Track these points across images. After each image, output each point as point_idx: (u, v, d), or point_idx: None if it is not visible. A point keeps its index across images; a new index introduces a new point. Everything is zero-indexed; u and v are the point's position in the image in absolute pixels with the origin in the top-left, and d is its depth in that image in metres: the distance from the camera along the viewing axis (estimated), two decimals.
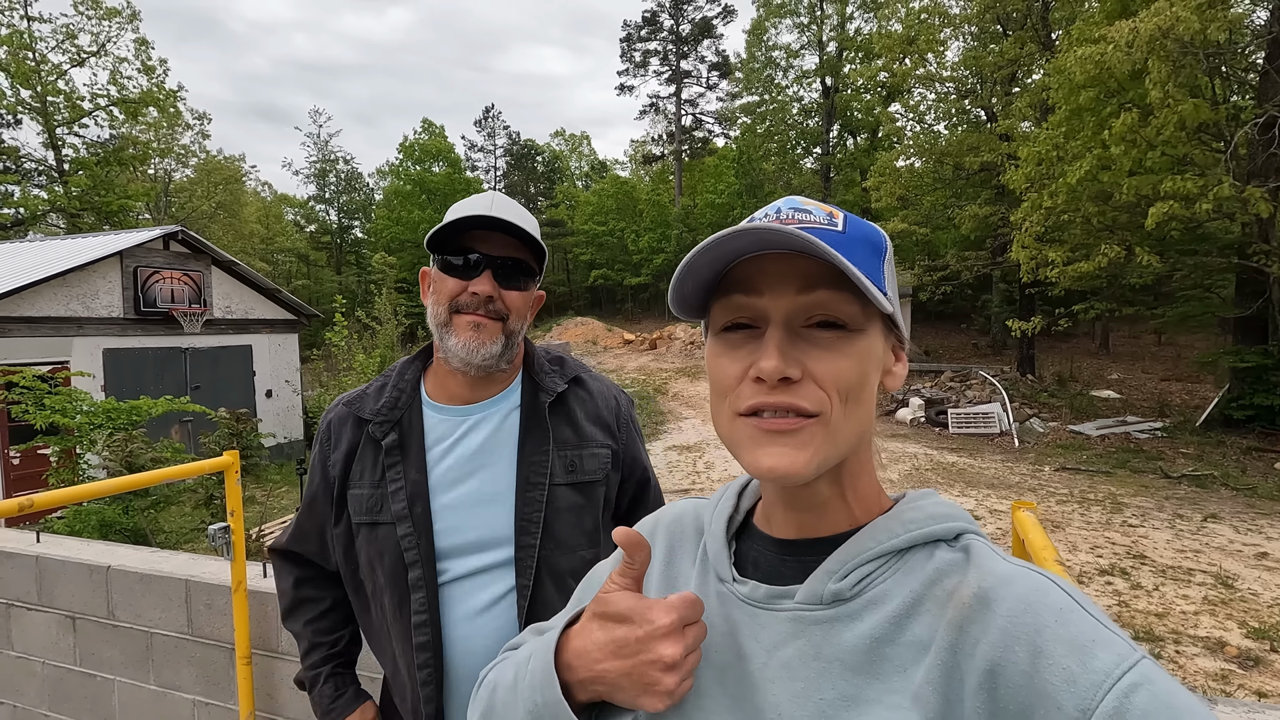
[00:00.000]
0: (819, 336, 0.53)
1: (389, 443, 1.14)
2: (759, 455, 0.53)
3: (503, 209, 1.09)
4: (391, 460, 1.14)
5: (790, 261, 0.53)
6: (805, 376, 0.52)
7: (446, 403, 1.18)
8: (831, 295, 0.53)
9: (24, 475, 9.81)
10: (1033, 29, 17.72)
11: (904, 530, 0.55)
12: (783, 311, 0.53)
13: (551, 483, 1.14)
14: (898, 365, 0.60)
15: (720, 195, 36.29)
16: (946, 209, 20.57)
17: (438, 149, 45.69)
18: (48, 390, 7.60)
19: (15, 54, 23.15)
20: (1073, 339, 24.58)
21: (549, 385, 1.20)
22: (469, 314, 1.10)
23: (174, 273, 12.09)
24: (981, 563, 0.52)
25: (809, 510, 0.58)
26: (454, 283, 1.10)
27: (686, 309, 0.59)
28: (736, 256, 0.54)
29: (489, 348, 1.10)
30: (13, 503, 1.54)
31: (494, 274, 1.10)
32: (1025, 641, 0.46)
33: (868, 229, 0.57)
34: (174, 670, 2.19)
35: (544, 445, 1.16)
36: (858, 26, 32.71)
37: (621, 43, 43.36)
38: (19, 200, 24.56)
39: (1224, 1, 10.12)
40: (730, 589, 0.60)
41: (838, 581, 0.54)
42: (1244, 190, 10.31)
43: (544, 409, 1.18)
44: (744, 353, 0.55)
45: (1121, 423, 13.85)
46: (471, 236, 1.10)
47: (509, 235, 1.10)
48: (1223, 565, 6.89)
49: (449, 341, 1.11)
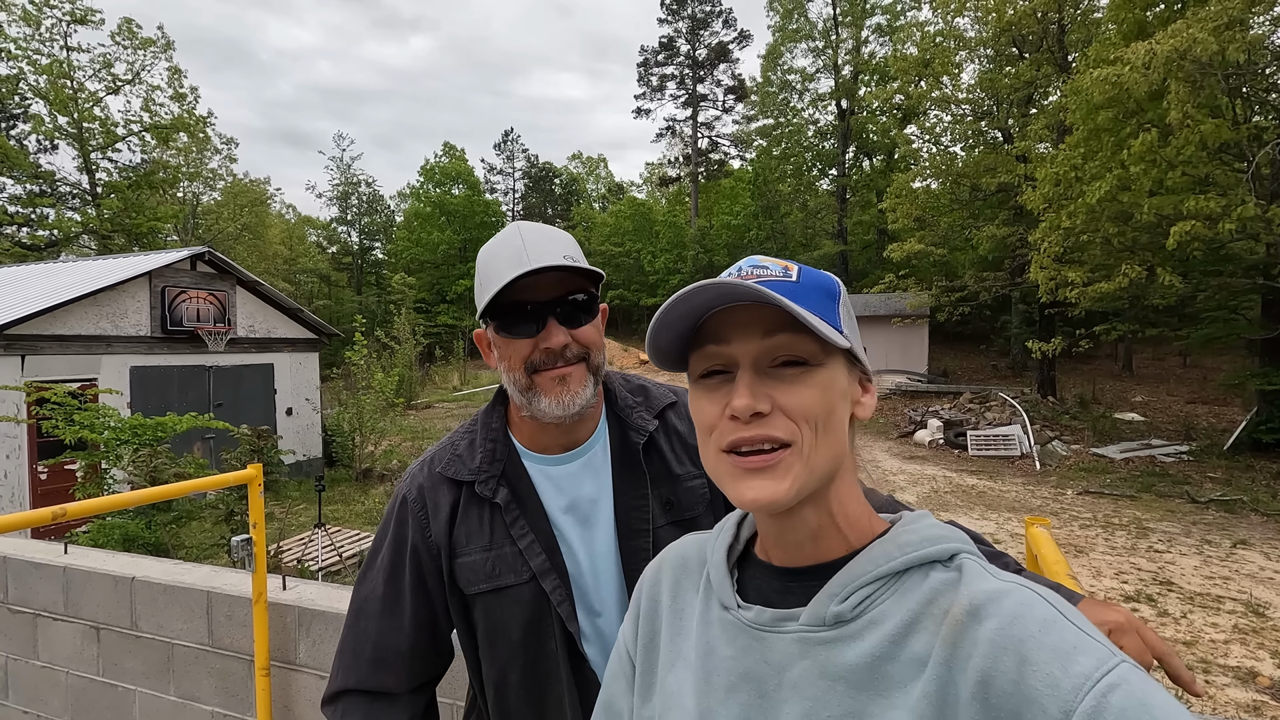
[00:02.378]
0: (784, 373, 0.59)
1: (504, 499, 1.04)
2: (741, 489, 0.58)
3: (537, 252, 0.98)
4: (512, 515, 1.04)
5: (753, 312, 0.60)
6: (775, 410, 0.58)
7: (543, 453, 1.09)
8: (791, 337, 0.59)
9: (51, 490, 9.99)
10: (1049, 51, 17.74)
11: (900, 553, 0.59)
12: (750, 355, 0.59)
13: (654, 526, 1.06)
14: (866, 396, 0.64)
15: (736, 217, 36.48)
16: (964, 229, 20.49)
17: (458, 172, 46.47)
18: (77, 406, 7.78)
19: (55, 82, 24.03)
20: (1095, 360, 24.21)
21: (638, 424, 1.11)
22: (549, 370, 1.00)
23: (200, 292, 12.36)
24: (973, 581, 0.55)
25: (803, 540, 0.62)
26: (523, 343, 1.00)
27: (666, 361, 0.65)
28: (705, 310, 0.60)
29: (582, 395, 1.01)
30: (46, 512, 1.59)
31: (558, 319, 1.00)
32: (1013, 651, 0.49)
33: (820, 277, 0.63)
34: (194, 681, 2.22)
35: (641, 489, 1.07)
36: (872, 50, 32.97)
37: (638, 67, 44.10)
38: (53, 222, 25.32)
39: (1242, 23, 10.08)
40: (735, 615, 0.64)
41: (839, 603, 0.58)
42: (1268, 210, 10.18)
43: (637, 451, 1.09)
44: (720, 394, 0.60)
45: (1146, 445, 13.57)
46: (519, 287, 0.97)
47: (557, 271, 0.99)
48: (1253, 593, 6.70)
49: (540, 403, 1.01)
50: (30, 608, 2.52)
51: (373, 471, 13.48)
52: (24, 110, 25.98)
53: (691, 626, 0.68)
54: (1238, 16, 9.88)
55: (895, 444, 15.45)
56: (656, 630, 0.72)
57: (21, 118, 26.32)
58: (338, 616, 2.00)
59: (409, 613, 1.08)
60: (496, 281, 0.97)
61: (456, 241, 42.72)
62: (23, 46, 23.81)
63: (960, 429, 15.03)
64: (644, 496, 1.07)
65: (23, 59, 23.87)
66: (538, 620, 1.01)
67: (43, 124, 24.66)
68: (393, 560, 1.09)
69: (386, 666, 1.07)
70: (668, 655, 0.69)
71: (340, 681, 1.09)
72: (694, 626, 0.68)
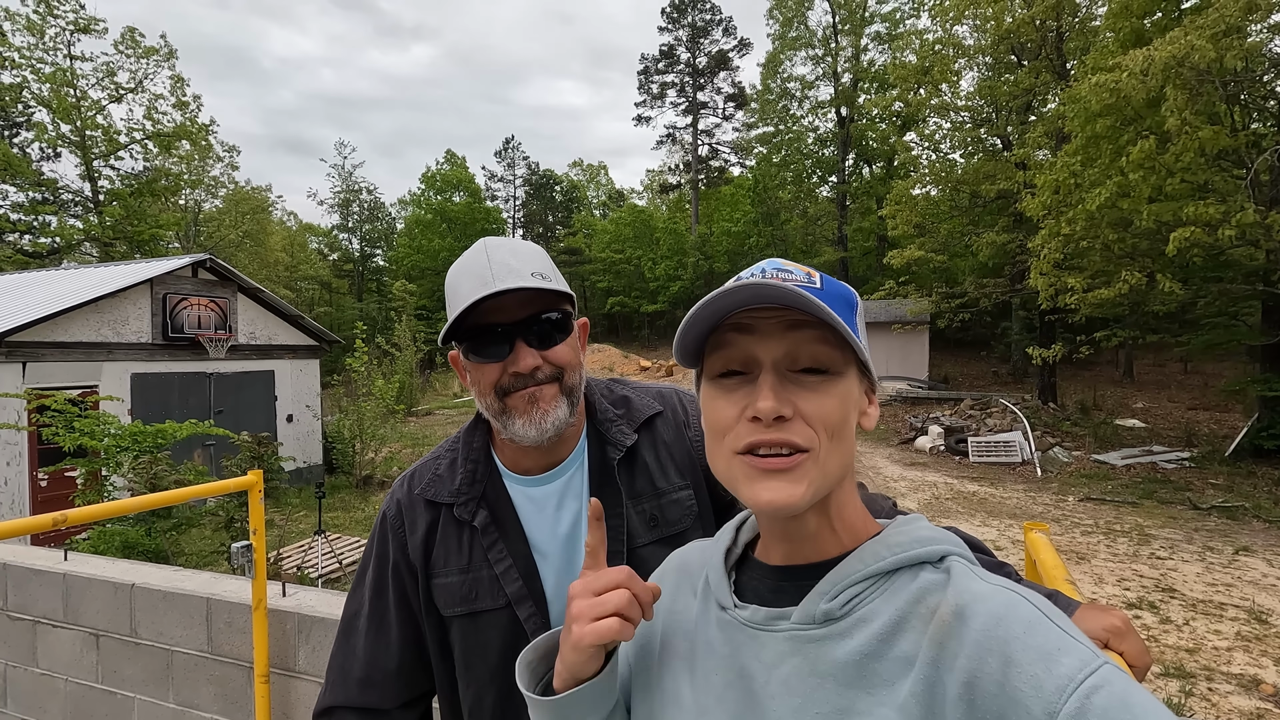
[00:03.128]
0: (806, 380, 0.59)
1: (482, 522, 1.02)
2: (758, 490, 0.58)
3: (503, 272, 0.95)
4: (490, 539, 1.02)
5: (778, 315, 0.60)
6: (796, 415, 0.58)
7: (524, 474, 1.06)
8: (817, 345, 0.59)
9: (51, 497, 9.98)
10: (1047, 59, 17.81)
11: (890, 553, 0.60)
12: (774, 358, 0.59)
13: (632, 546, 1.03)
14: (870, 407, 0.65)
15: (736, 224, 36.58)
16: (964, 236, 20.52)
17: (459, 179, 46.66)
18: (77, 414, 7.78)
19: (58, 90, 24.16)
20: (1095, 367, 24.20)
21: (615, 439, 1.08)
22: (520, 390, 0.98)
23: (201, 299, 12.39)
24: (960, 582, 0.56)
25: (801, 540, 0.63)
26: (490, 368, 0.98)
27: (688, 358, 0.65)
28: (735, 309, 0.60)
29: (555, 414, 0.98)
30: (47, 517, 1.59)
31: (526, 340, 0.97)
32: (997, 652, 0.49)
33: (841, 287, 0.64)
34: (193, 688, 2.22)
35: (617, 508, 1.04)
36: (872, 58, 33.15)
37: (639, 75, 44.30)
38: (55, 230, 25.41)
39: (1239, 30, 10.12)
40: (732, 614, 0.65)
41: (829, 602, 0.59)
42: (1267, 217, 10.20)
43: (613, 467, 1.06)
44: (739, 396, 0.60)
45: (1147, 452, 13.54)
46: (485, 309, 0.95)
47: (522, 292, 0.96)
48: (1256, 600, 6.67)
49: (513, 426, 0.98)
50: (30, 615, 2.51)
51: (373, 478, 13.47)
52: (27, 118, 26.10)
53: (689, 627, 0.69)
54: (1235, 24, 9.92)
55: (896, 450, 15.43)
56: (655, 631, 0.73)
57: (24, 125, 26.45)
58: (337, 623, 1.99)
59: (395, 630, 1.07)
60: (461, 303, 0.94)
61: (457, 249, 42.69)
62: (26, 55, 23.96)
63: (961, 435, 15.01)
64: (619, 515, 1.04)
65: (26, 67, 24.01)
66: (514, 646, 0.97)
67: (45, 132, 24.77)
68: (377, 577, 1.09)
69: (374, 685, 1.07)
70: (665, 654, 0.70)
71: (330, 698, 1.08)
72: (692, 627, 0.69)
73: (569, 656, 0.64)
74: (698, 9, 42.49)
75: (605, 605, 0.62)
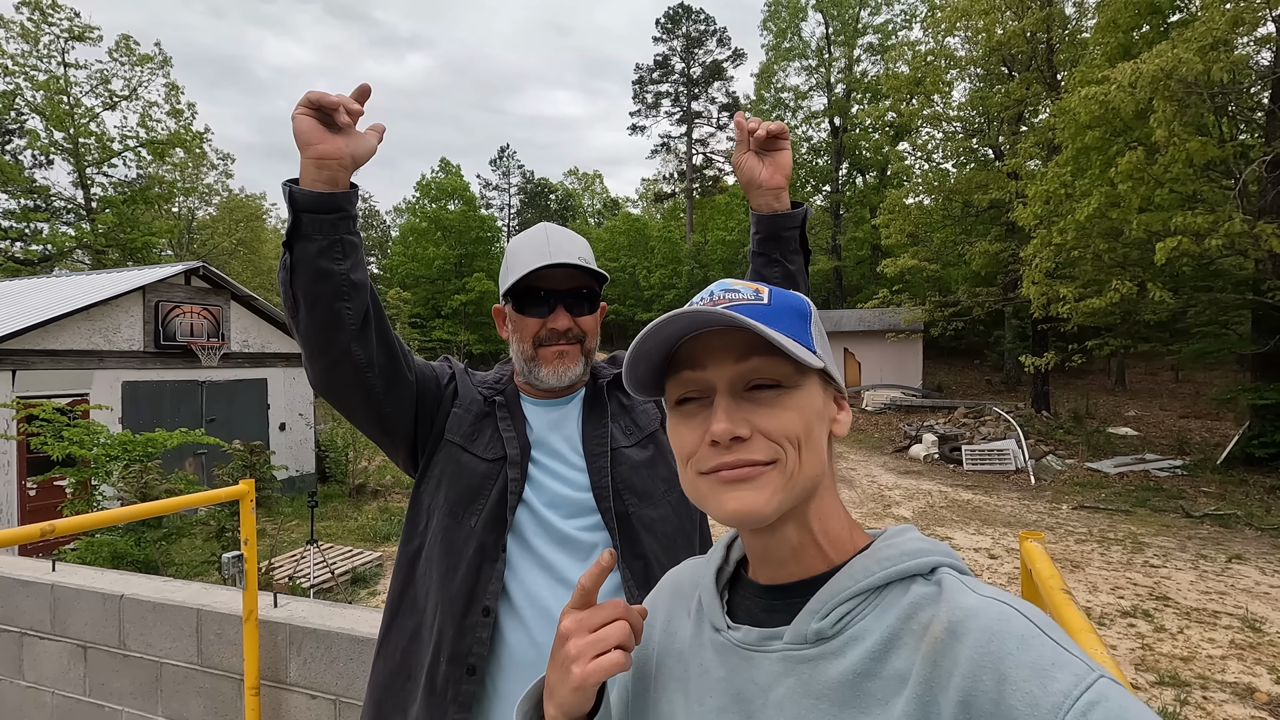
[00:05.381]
0: (760, 396, 0.60)
1: (499, 401, 1.28)
2: (724, 500, 0.59)
3: (560, 249, 1.22)
4: (503, 415, 1.27)
5: (726, 336, 0.60)
6: (754, 434, 0.58)
7: (536, 399, 1.33)
8: (764, 360, 0.59)
9: (40, 507, 9.88)
10: (1038, 70, 18.02)
11: (879, 568, 0.59)
12: (725, 379, 0.60)
13: (613, 447, 1.26)
14: (841, 414, 0.65)
15: (731, 232, 36.68)
16: (957, 245, 20.67)
17: (454, 187, 46.63)
18: (66, 423, 7.72)
19: (51, 98, 24.09)
20: (1088, 375, 24.32)
21: (603, 373, 1.36)
22: (552, 345, 1.24)
23: (194, 307, 12.32)
24: (952, 597, 0.55)
25: (785, 558, 0.62)
26: (533, 321, 1.24)
27: (642, 389, 0.65)
28: (678, 338, 0.61)
29: (574, 370, 1.25)
30: (35, 528, 1.57)
31: (565, 307, 1.23)
32: (991, 669, 0.49)
33: (791, 298, 0.64)
34: (182, 701, 2.19)
35: (603, 419, 1.29)
36: (865, 68, 33.43)
37: (634, 85, 44.52)
38: (47, 237, 25.25)
39: (1226, 44, 10.26)
40: (725, 636, 0.64)
41: (820, 620, 0.58)
42: (1255, 226, 10.30)
43: (602, 389, 1.32)
44: (698, 420, 0.61)
45: (1140, 460, 13.60)
46: (539, 276, 1.20)
47: (571, 268, 1.22)
48: (1250, 608, 6.69)
49: (539, 372, 1.25)
50: (16, 626, 2.48)
51: (366, 487, 13.38)
52: (20, 125, 25.99)
53: (684, 650, 0.68)
54: (1222, 37, 10.06)
55: (890, 459, 15.45)
56: (650, 654, 0.72)
57: (17, 133, 26.34)
58: (329, 635, 1.97)
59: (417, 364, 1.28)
60: (521, 268, 1.20)
61: (452, 257, 42.75)
62: (20, 63, 23.88)
63: (955, 444, 15.04)
64: (604, 424, 1.28)
65: (20, 75, 23.92)
66: (474, 493, 1.19)
67: (38, 139, 24.68)
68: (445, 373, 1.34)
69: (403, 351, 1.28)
70: (660, 678, 0.69)
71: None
72: (686, 649, 0.68)
73: (569, 699, 0.61)
74: (692, 20, 42.77)
75: (606, 641, 0.61)
